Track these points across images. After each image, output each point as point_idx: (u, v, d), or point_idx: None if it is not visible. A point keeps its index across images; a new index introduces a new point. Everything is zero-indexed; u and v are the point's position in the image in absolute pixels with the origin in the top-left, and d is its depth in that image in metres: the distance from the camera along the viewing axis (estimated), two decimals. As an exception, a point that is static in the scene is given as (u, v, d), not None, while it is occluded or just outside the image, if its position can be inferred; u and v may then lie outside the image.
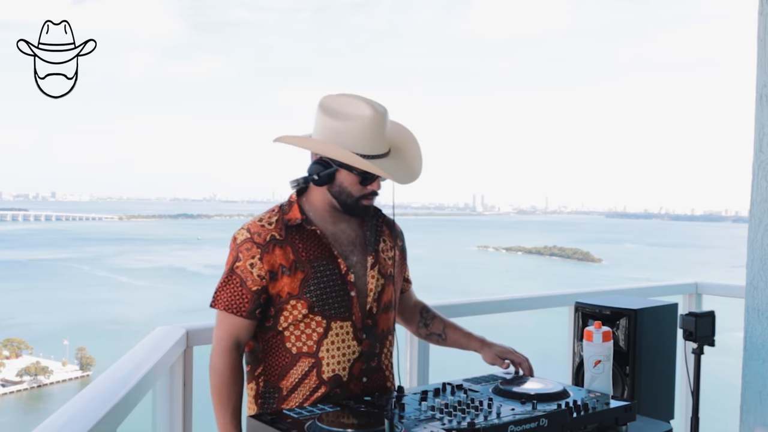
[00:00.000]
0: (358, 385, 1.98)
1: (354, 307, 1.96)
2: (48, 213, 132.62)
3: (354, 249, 2.02)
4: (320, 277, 1.93)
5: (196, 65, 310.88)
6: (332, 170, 1.93)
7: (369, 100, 1.93)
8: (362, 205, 1.98)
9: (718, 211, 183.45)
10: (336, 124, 1.90)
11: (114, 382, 1.76)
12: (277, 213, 1.98)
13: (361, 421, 1.65)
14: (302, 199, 2.02)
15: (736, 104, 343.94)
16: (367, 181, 1.94)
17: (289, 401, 1.95)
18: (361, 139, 1.89)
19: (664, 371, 2.53)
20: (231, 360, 1.93)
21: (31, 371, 38.37)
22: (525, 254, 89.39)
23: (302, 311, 1.92)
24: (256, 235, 1.93)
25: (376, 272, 2.02)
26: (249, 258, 1.91)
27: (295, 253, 1.93)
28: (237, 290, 1.92)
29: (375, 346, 2.01)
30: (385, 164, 1.92)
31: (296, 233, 1.95)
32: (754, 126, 2.72)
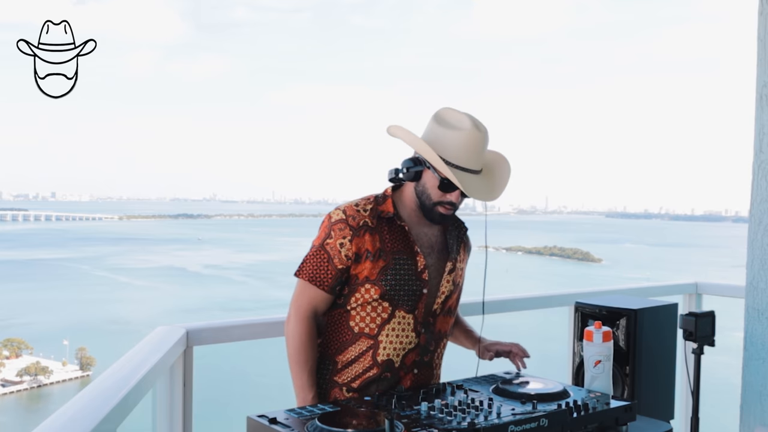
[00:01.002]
0: (408, 374, 2.10)
1: (421, 303, 2.10)
2: (48, 213, 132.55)
3: (432, 252, 2.16)
4: (398, 269, 2.07)
5: (196, 65, 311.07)
6: (419, 168, 2.07)
7: (475, 119, 2.07)
8: (438, 212, 2.10)
9: (718, 211, 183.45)
10: (439, 131, 2.04)
11: (114, 382, 1.76)
12: (372, 202, 2.12)
13: (361, 421, 1.65)
14: (396, 195, 2.16)
15: (736, 104, 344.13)
16: (446, 188, 2.05)
17: (342, 375, 2.10)
18: (455, 149, 2.01)
19: (664, 371, 2.53)
20: (308, 325, 2.08)
21: (31, 371, 38.35)
22: (525, 254, 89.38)
23: (374, 296, 2.05)
24: (351, 218, 2.07)
25: (450, 279, 2.17)
26: (340, 237, 2.05)
27: (381, 242, 2.07)
28: (323, 265, 2.06)
29: (431, 343, 2.15)
30: (466, 178, 2.02)
31: (386, 225, 2.10)
32: (754, 126, 2.72)
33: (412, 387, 2.09)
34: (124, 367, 1.90)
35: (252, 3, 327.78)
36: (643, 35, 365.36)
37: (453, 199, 2.07)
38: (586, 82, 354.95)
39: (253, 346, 11.31)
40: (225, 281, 61.65)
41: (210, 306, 48.92)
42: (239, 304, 49.01)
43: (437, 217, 2.11)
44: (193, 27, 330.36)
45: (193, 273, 67.67)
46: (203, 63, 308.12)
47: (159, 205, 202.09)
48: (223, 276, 64.44)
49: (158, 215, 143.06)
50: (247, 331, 2.58)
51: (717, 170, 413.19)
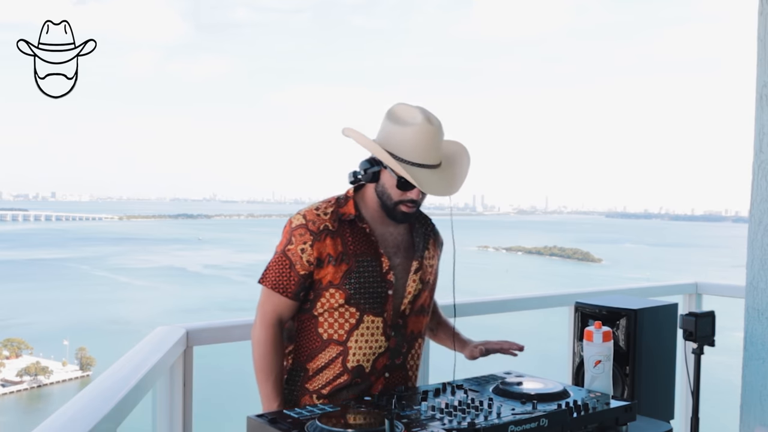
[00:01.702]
0: (379, 378, 2.07)
1: (388, 305, 2.06)
2: (48, 213, 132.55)
3: (398, 251, 2.12)
4: (362, 272, 2.03)
5: (196, 65, 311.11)
6: (376, 169, 2.04)
7: (428, 112, 2.03)
8: (400, 211, 2.06)
9: (718, 211, 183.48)
10: (391, 128, 2.01)
11: (114, 382, 1.76)
12: (333, 205, 2.08)
13: (361, 421, 1.65)
14: (358, 196, 2.12)
15: (736, 104, 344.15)
16: (405, 186, 2.01)
17: (313, 382, 2.06)
18: (408, 146, 1.97)
19: (664, 371, 2.53)
20: (273, 333, 2.05)
21: (31, 371, 38.35)
22: (525, 254, 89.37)
23: (339, 300, 2.02)
24: (311, 222, 2.03)
25: (417, 278, 2.13)
26: (301, 243, 2.02)
27: (343, 246, 2.03)
28: (285, 271, 2.03)
29: (402, 345, 2.11)
30: (423, 174, 1.99)
31: (348, 227, 2.06)
32: (754, 126, 2.72)
33: (383, 391, 2.00)
34: (124, 367, 1.90)
35: (252, 3, 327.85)
36: (643, 35, 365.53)
37: (414, 196, 2.03)
38: (586, 82, 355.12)
39: (253, 346, 10.91)
40: (225, 281, 61.63)
41: (210, 306, 48.90)
42: (239, 304, 48.94)
43: (400, 216, 2.07)
44: (193, 27, 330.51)
45: (193, 273, 67.66)
46: (203, 63, 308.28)
47: (159, 205, 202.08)
48: (223, 276, 64.43)
49: (158, 215, 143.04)
50: (247, 331, 2.56)
51: (717, 170, 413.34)
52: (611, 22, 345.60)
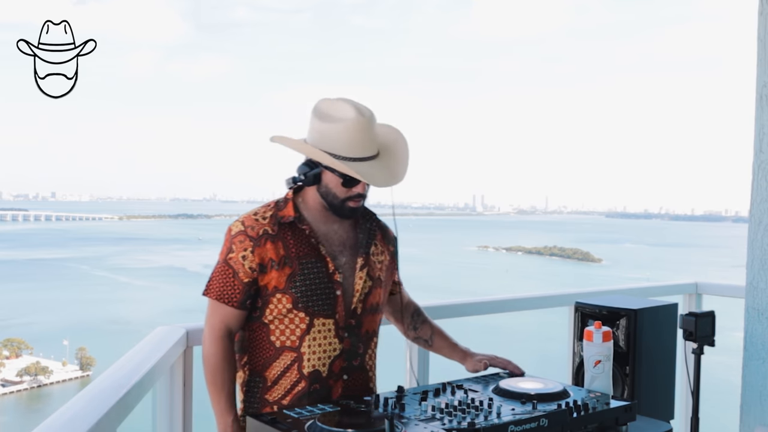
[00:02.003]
0: (338, 382, 2.01)
1: (338, 305, 2.01)
2: (48, 213, 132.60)
3: (344, 250, 2.07)
4: (307, 274, 1.98)
5: (197, 65, 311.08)
6: (317, 171, 1.99)
7: (357, 104, 1.98)
8: (348, 207, 2.02)
9: (718, 211, 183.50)
10: (323, 127, 1.96)
11: (114, 382, 1.76)
12: (272, 209, 2.04)
13: (361, 421, 1.65)
14: (298, 198, 2.07)
15: (736, 104, 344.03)
16: (349, 183, 1.98)
17: (272, 392, 2.00)
18: (344, 142, 1.94)
19: (664, 371, 2.53)
20: (223, 346, 2.00)
21: (31, 371, 38.36)
22: (525, 254, 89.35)
23: (286, 305, 1.97)
24: (250, 228, 1.99)
25: (364, 274, 2.06)
26: (241, 250, 1.98)
27: (285, 249, 1.98)
28: (229, 281, 1.99)
29: (357, 345, 2.05)
30: (366, 167, 1.95)
31: (288, 230, 2.01)
32: (754, 126, 2.72)
33: (344, 395, 2.00)
34: (124, 367, 1.90)
35: (252, 3, 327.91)
36: (643, 35, 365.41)
37: (360, 190, 2.00)
38: (586, 82, 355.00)
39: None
40: (225, 281, 61.43)
41: (210, 306, 48.74)
42: (239, 304, 48.82)
43: (348, 212, 2.03)
44: (193, 27, 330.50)
45: (193, 273, 67.59)
46: (203, 63, 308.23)
47: (159, 205, 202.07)
48: (223, 276, 64.25)
49: (158, 215, 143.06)
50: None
51: (717, 170, 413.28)
52: (611, 21, 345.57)
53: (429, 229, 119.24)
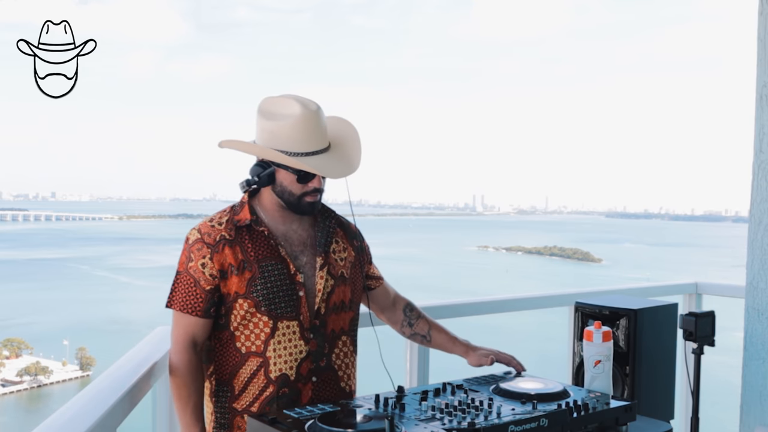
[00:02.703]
0: (307, 384, 1.99)
1: (302, 306, 1.98)
2: (48, 213, 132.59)
3: (304, 249, 2.04)
4: (267, 276, 1.95)
5: (197, 65, 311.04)
6: (270, 171, 1.98)
7: (301, 98, 1.97)
8: (306, 203, 2.00)
9: (718, 211, 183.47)
10: (270, 125, 1.94)
11: (114, 382, 1.76)
12: (228, 213, 2.02)
13: (361, 421, 1.65)
14: (254, 200, 2.05)
15: (736, 104, 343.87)
16: (305, 178, 1.96)
17: (240, 400, 1.98)
18: (293, 138, 1.92)
19: (664, 371, 2.53)
20: (188, 358, 1.96)
21: (31, 371, 38.36)
22: (525, 254, 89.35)
23: (249, 310, 1.94)
24: (206, 235, 1.97)
25: (325, 273, 2.03)
26: (200, 258, 1.95)
27: (243, 253, 1.96)
28: (191, 290, 1.96)
29: (323, 346, 2.02)
30: (319, 161, 1.94)
31: (246, 233, 1.99)
32: (754, 126, 2.72)
33: (313, 398, 1.98)
34: (124, 367, 1.91)
35: (253, 3, 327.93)
36: (643, 35, 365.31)
37: (316, 185, 1.98)
38: (587, 82, 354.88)
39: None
40: (225, 281, 61.48)
41: (210, 306, 48.75)
42: (239, 304, 48.86)
43: (308, 208, 2.01)
44: (194, 27, 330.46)
45: (193, 273, 67.52)
46: (204, 63, 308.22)
47: (159, 205, 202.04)
48: (223, 276, 64.28)
49: (158, 215, 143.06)
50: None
51: (717, 170, 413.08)
52: (611, 22, 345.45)
53: (429, 229, 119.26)
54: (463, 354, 2.22)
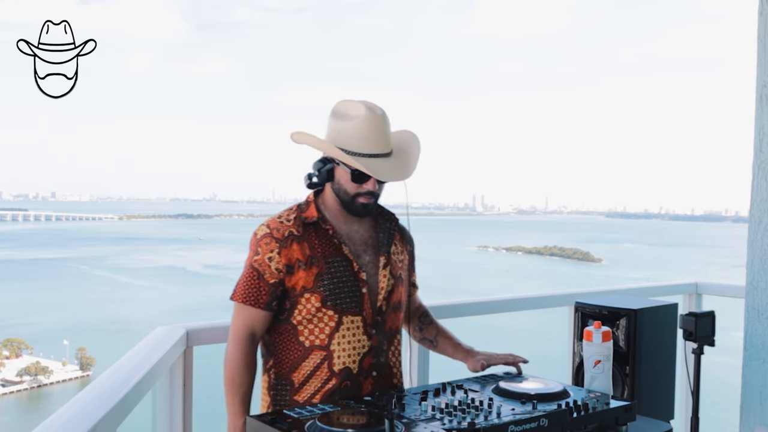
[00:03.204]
0: (368, 378, 2.05)
1: (365, 303, 2.06)
2: (48, 213, 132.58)
3: (366, 249, 2.12)
4: (333, 272, 2.02)
5: (197, 65, 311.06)
6: (330, 167, 2.05)
7: (370, 103, 2.05)
8: (359, 204, 2.06)
9: (718, 211, 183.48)
10: (337, 124, 2.03)
11: (114, 382, 1.76)
12: (296, 211, 2.10)
13: (361, 421, 1.65)
14: (319, 200, 2.13)
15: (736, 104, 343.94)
16: (359, 178, 2.02)
17: (301, 393, 2.03)
18: (355, 138, 2.00)
19: (664, 371, 2.53)
20: (245, 349, 2.02)
21: (31, 371, 38.36)
22: (525, 254, 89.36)
23: (315, 304, 2.01)
24: (275, 230, 2.04)
25: (387, 272, 2.12)
26: (267, 252, 2.02)
27: (311, 249, 2.03)
28: (255, 283, 2.01)
29: (383, 342, 2.10)
30: (374, 163, 2.00)
31: (312, 231, 2.06)
32: (754, 126, 2.72)
33: (373, 392, 2.02)
34: (124, 367, 1.90)
35: (253, 3, 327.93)
36: (644, 35, 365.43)
37: (370, 187, 2.04)
38: (587, 82, 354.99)
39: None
40: (225, 281, 61.52)
41: (210, 306, 48.92)
42: (239, 304, 48.85)
43: (360, 209, 2.07)
44: (194, 27, 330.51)
45: (193, 273, 67.68)
46: (204, 63, 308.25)
47: (159, 205, 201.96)
48: (223, 276, 64.37)
49: (158, 215, 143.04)
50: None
51: (717, 170, 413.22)
52: (612, 22, 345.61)
53: (429, 229, 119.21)
54: (463, 359, 2.27)
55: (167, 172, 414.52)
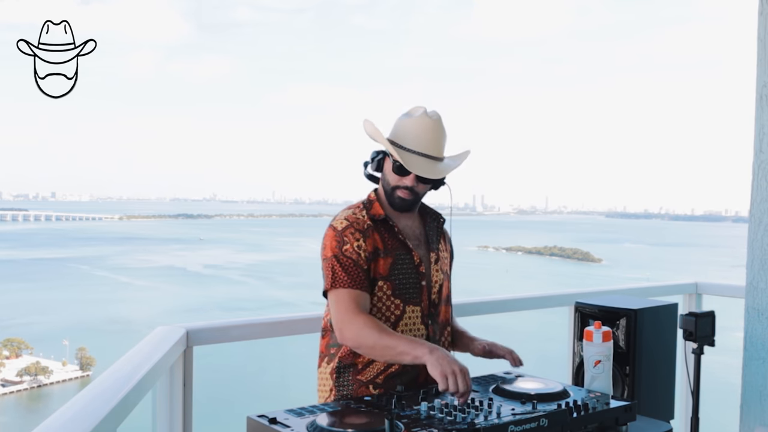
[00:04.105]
0: (423, 367, 2.04)
1: (423, 295, 2.18)
2: (48, 213, 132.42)
3: (420, 244, 2.25)
4: (401, 265, 2.17)
5: (198, 65, 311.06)
6: (381, 156, 2.21)
7: (431, 110, 2.20)
8: (397, 197, 2.19)
9: (718, 211, 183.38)
10: (399, 121, 2.20)
11: (114, 382, 1.76)
12: (363, 209, 2.21)
13: (361, 421, 1.65)
14: (378, 197, 2.25)
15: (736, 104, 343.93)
16: (400, 171, 2.15)
17: (365, 373, 2.13)
18: (406, 132, 2.15)
19: (664, 371, 2.54)
20: (365, 317, 2.04)
21: (31, 371, 38.34)
22: (525, 254, 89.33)
23: (387, 292, 2.14)
24: (356, 222, 2.16)
25: (439, 267, 2.26)
26: (354, 240, 2.12)
27: (383, 242, 2.17)
28: (353, 269, 2.09)
29: (437, 333, 2.22)
30: (415, 158, 2.13)
31: (381, 225, 2.19)
32: (754, 126, 2.72)
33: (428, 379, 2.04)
34: (124, 367, 1.90)
35: (254, 3, 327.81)
36: (644, 36, 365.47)
37: (409, 183, 2.16)
38: (587, 82, 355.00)
39: (253, 346, 11.17)
40: (225, 281, 61.66)
41: (210, 306, 48.93)
42: (239, 304, 49.00)
43: (398, 202, 2.20)
44: (194, 27, 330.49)
45: (193, 273, 67.64)
46: (205, 63, 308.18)
47: (159, 205, 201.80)
48: (223, 276, 64.44)
49: (158, 215, 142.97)
50: (247, 331, 2.58)
51: (717, 170, 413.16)
52: (612, 22, 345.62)
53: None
54: (467, 343, 2.35)
55: (167, 172, 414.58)
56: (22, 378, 38.18)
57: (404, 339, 2.01)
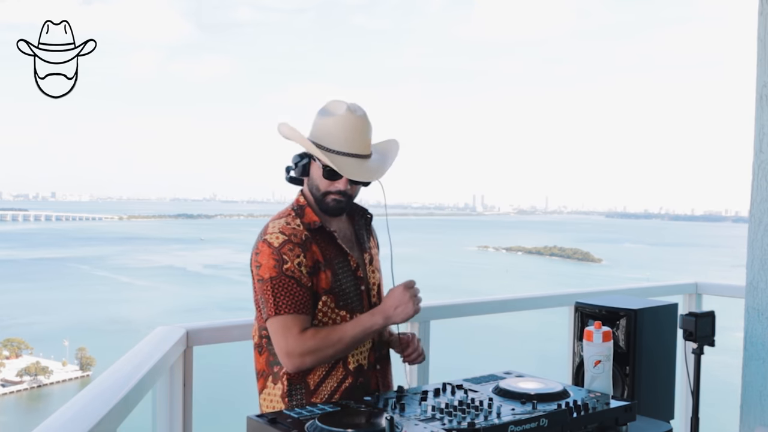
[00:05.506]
0: (374, 372, 2.10)
1: (364, 300, 2.09)
2: (48, 213, 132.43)
3: (353, 246, 2.14)
4: (341, 273, 2.05)
5: (198, 65, 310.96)
6: (305, 161, 2.05)
7: (353, 104, 2.04)
8: (328, 202, 2.05)
9: (718, 211, 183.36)
10: (320, 121, 2.04)
11: (114, 382, 1.76)
12: (296, 217, 2.06)
13: (361, 421, 1.65)
14: (308, 202, 2.10)
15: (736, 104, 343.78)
16: (330, 175, 2.01)
17: (318, 394, 2.03)
18: (332, 135, 1.99)
19: (664, 371, 2.53)
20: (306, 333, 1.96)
21: (31, 371, 38.35)
22: (525, 254, 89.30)
23: (331, 305, 2.02)
24: (293, 235, 2.01)
25: (374, 267, 2.17)
26: (294, 258, 1.98)
27: (321, 253, 2.03)
28: (296, 290, 1.97)
29: (383, 335, 2.17)
30: (345, 161, 1.98)
31: (317, 234, 2.05)
32: (754, 126, 2.72)
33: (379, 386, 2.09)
34: (124, 367, 1.91)
35: (254, 3, 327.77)
36: (644, 36, 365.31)
37: (341, 186, 2.02)
38: (587, 82, 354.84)
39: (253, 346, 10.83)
40: (225, 281, 61.62)
41: (210, 306, 48.92)
42: (239, 304, 48.92)
43: (330, 207, 2.05)
44: (195, 27, 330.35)
45: (193, 273, 67.65)
46: (205, 63, 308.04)
47: (159, 205, 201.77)
48: (223, 276, 64.42)
49: (158, 215, 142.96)
50: (247, 331, 2.57)
51: (717, 170, 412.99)
52: (612, 23, 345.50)
53: (429, 229, 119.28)
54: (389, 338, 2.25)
55: (167, 172, 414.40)
56: (22, 378, 38.18)
57: (349, 324, 1.98)
